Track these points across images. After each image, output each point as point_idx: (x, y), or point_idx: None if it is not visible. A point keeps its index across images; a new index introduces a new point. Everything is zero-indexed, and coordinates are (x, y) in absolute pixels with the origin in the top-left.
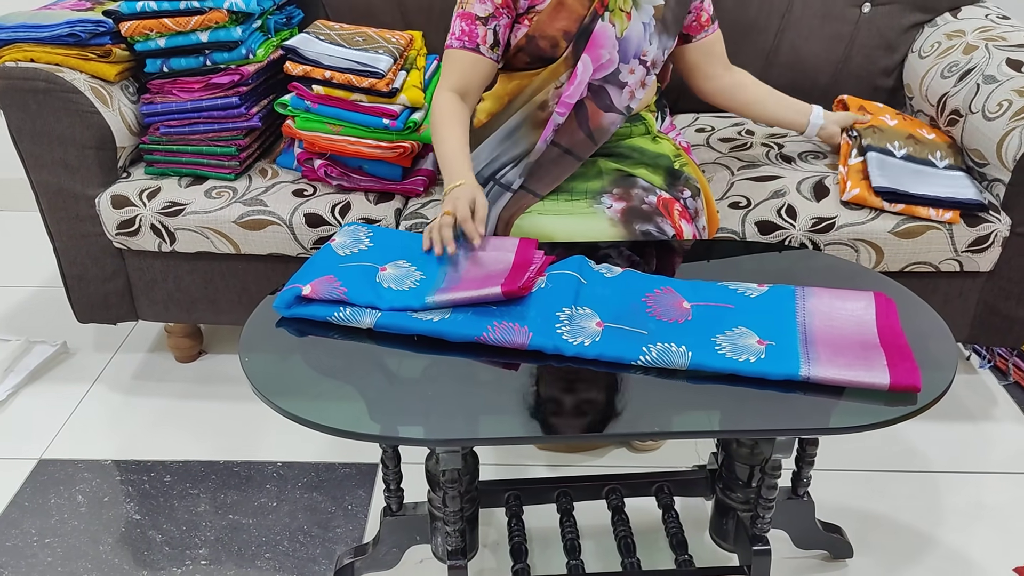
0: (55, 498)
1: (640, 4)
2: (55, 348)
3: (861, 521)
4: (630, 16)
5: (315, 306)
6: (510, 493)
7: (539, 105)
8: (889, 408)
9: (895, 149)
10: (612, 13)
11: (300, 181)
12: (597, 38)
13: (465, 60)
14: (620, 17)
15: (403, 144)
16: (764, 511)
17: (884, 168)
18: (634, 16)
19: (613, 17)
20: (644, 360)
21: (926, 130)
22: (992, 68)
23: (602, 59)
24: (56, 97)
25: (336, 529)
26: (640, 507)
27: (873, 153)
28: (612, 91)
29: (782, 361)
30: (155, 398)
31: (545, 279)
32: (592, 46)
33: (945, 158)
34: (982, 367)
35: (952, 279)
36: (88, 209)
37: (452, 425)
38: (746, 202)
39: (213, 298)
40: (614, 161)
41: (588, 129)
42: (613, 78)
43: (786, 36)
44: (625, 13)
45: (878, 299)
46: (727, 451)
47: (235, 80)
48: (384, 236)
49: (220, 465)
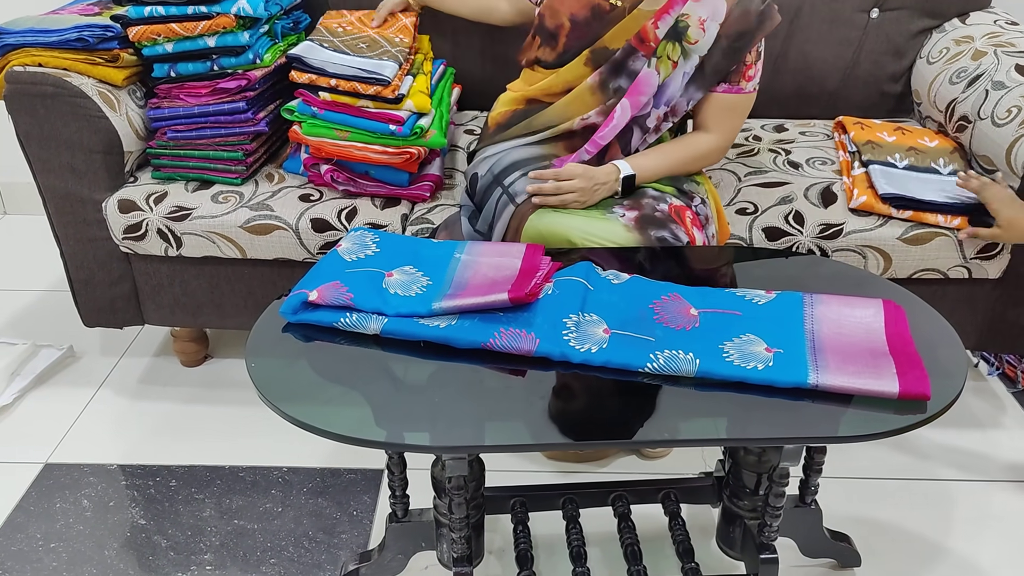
0: (61, 502)
1: (689, 53)
2: (61, 352)
3: (869, 529)
4: (676, 65)
5: (321, 311)
6: (516, 500)
7: (564, 131)
8: (898, 416)
9: (896, 161)
10: (659, 60)
11: (306, 186)
12: (640, 84)
13: None
14: (666, 64)
15: (409, 150)
16: (771, 519)
17: (889, 178)
18: (680, 65)
19: (660, 64)
20: (651, 367)
21: (928, 137)
22: (1001, 74)
23: (641, 103)
24: (64, 102)
25: (341, 535)
26: (646, 514)
27: (875, 166)
28: (636, 132)
29: (790, 369)
30: (161, 402)
31: (552, 285)
32: (634, 91)
33: (949, 164)
34: (991, 374)
35: (960, 286)
36: (95, 213)
37: (458, 432)
38: (753, 208)
39: (219, 302)
40: None
41: (603, 162)
42: (642, 121)
43: (794, 41)
44: (672, 62)
45: (887, 306)
46: (734, 459)
47: (242, 85)
48: (390, 241)
49: (226, 470)
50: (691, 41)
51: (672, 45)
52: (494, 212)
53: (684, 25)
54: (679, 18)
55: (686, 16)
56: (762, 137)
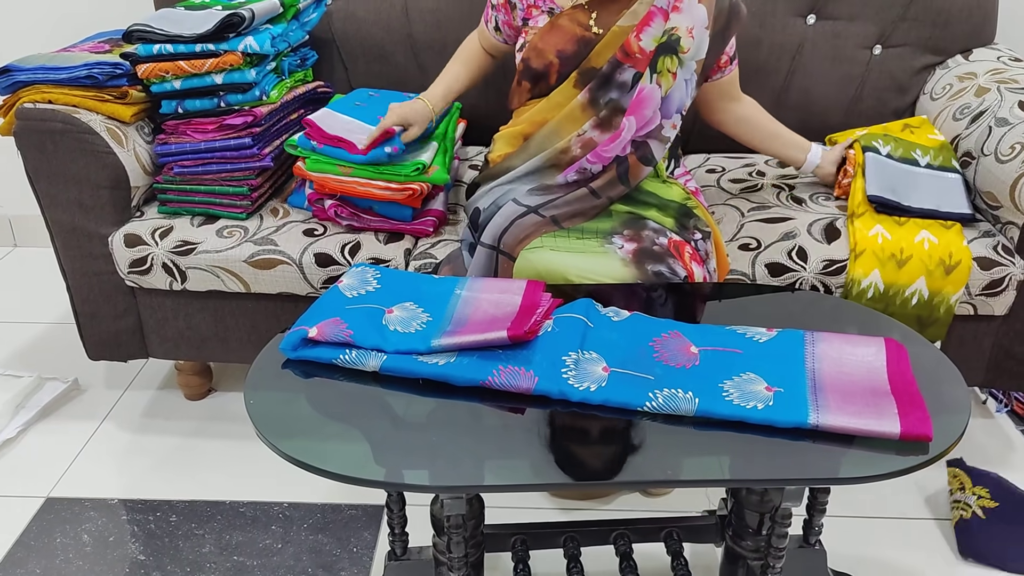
0: (61, 537)
1: (685, 62)
2: (66, 385)
3: (874, 570)
4: (675, 76)
5: (321, 348)
6: (516, 538)
7: (560, 150)
8: (900, 457)
9: (880, 146)
10: (660, 75)
11: (311, 221)
12: (644, 100)
13: (481, 29)
14: (667, 78)
15: (412, 186)
16: (774, 560)
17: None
18: (679, 75)
19: (660, 79)
20: (650, 406)
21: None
22: (1004, 111)
23: (646, 119)
24: (72, 138)
25: (341, 572)
26: (649, 553)
27: (870, 153)
28: (655, 146)
29: (790, 408)
30: (164, 436)
31: (552, 322)
32: (637, 107)
33: (927, 155)
34: (999, 411)
35: (966, 323)
36: (101, 248)
37: (456, 471)
38: (756, 244)
39: (223, 336)
40: (624, 203)
41: (627, 181)
42: (656, 133)
43: (796, 78)
44: (672, 74)
45: (889, 345)
46: (736, 498)
47: (248, 121)
48: (392, 277)
49: (226, 505)
50: (684, 51)
51: (670, 59)
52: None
53: (676, 38)
54: (668, 32)
55: (675, 29)
56: (765, 172)
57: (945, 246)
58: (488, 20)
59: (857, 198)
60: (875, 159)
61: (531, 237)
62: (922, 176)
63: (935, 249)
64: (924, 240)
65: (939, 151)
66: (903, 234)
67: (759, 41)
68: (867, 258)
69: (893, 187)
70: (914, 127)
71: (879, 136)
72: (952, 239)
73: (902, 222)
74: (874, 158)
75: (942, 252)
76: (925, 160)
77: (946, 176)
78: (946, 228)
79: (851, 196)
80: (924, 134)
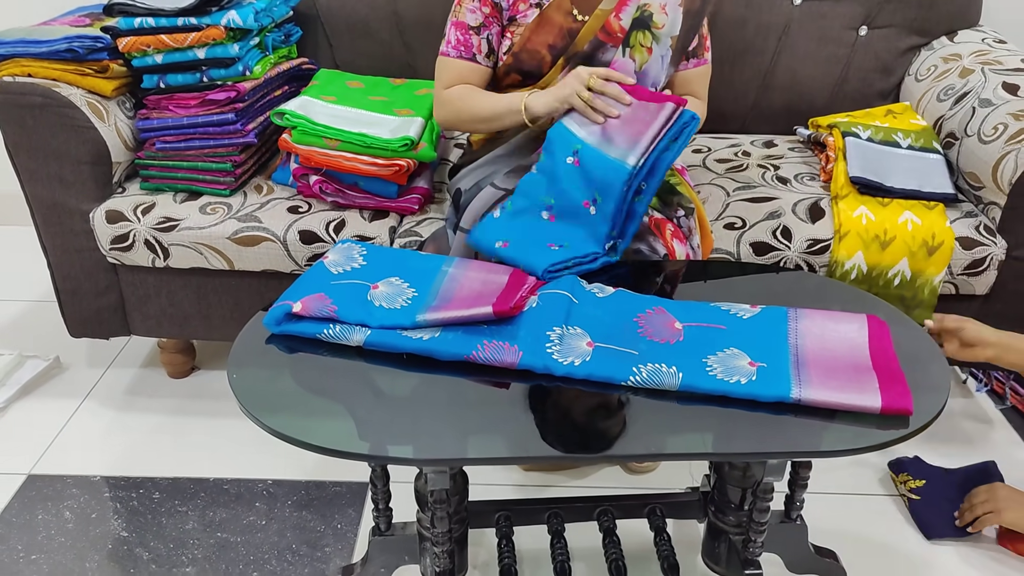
0: (43, 514)
1: (660, 38)
2: (48, 363)
3: (855, 546)
4: (651, 51)
5: (305, 323)
6: (500, 514)
7: (541, 128)
8: (881, 432)
9: (860, 131)
10: (632, 49)
11: (295, 198)
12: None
13: (463, 68)
14: (640, 52)
15: (399, 162)
16: (756, 535)
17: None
18: (655, 50)
19: (633, 52)
20: (634, 381)
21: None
22: (988, 92)
23: None
24: (52, 112)
25: (325, 548)
26: (632, 529)
27: (850, 137)
28: None
29: (773, 383)
30: (147, 414)
31: (536, 298)
32: None
33: (908, 137)
34: (979, 391)
35: (948, 302)
36: (82, 224)
37: (440, 445)
38: (741, 223)
39: (206, 314)
40: None
41: None
42: None
43: (782, 58)
44: (646, 48)
45: (871, 321)
46: (719, 473)
47: (231, 96)
48: (378, 254)
49: (210, 482)
50: (658, 27)
51: (642, 33)
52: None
53: (648, 13)
54: (641, 8)
55: (647, 5)
56: (751, 153)
57: (928, 227)
58: (477, 52)
59: (840, 180)
60: (855, 143)
61: None
62: (903, 157)
63: (918, 230)
64: (908, 221)
65: (921, 133)
66: (887, 215)
67: (745, 21)
68: (851, 239)
69: (875, 169)
70: (897, 113)
71: (859, 122)
72: (935, 220)
73: (885, 203)
74: (854, 142)
75: (925, 233)
76: (907, 142)
77: (928, 157)
78: (929, 209)
79: (833, 179)
80: (907, 119)
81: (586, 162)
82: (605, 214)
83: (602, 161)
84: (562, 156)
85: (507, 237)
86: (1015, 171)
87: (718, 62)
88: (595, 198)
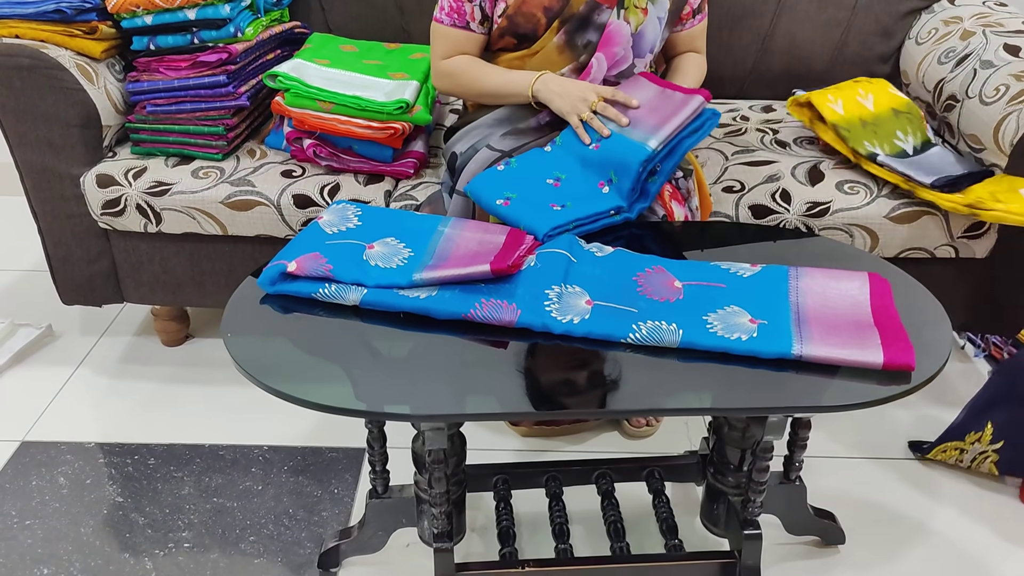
0: (37, 480)
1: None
2: (40, 331)
3: (853, 507)
4: (646, 12)
5: (300, 283)
6: (498, 477)
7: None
8: (882, 387)
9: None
10: (627, 10)
11: (289, 162)
12: (611, 36)
13: (458, 36)
14: (635, 13)
15: (394, 125)
16: (755, 495)
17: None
18: (650, 11)
19: (628, 14)
20: (633, 338)
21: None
22: (989, 53)
23: (616, 56)
24: (40, 74)
25: (322, 513)
26: (630, 492)
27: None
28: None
29: (775, 340)
30: (141, 382)
31: (535, 258)
32: (606, 43)
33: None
34: (976, 356)
35: (947, 266)
36: (73, 189)
37: (438, 401)
38: (740, 186)
39: (200, 280)
40: None
41: None
42: (628, 73)
43: (781, 22)
44: (641, 9)
45: (872, 279)
46: (718, 434)
47: (223, 59)
48: (373, 214)
49: (205, 449)
50: None
51: None
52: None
53: None
54: None
55: None
56: (750, 117)
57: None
58: (471, 20)
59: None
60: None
61: None
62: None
63: None
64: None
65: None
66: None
67: None
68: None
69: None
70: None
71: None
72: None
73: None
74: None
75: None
76: (911, 145)
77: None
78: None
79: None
80: (884, 89)
81: (607, 144)
82: (621, 191)
83: (623, 143)
84: (582, 146)
85: (508, 194)
86: (1017, 132)
87: (716, 27)
88: (611, 178)
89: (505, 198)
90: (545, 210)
